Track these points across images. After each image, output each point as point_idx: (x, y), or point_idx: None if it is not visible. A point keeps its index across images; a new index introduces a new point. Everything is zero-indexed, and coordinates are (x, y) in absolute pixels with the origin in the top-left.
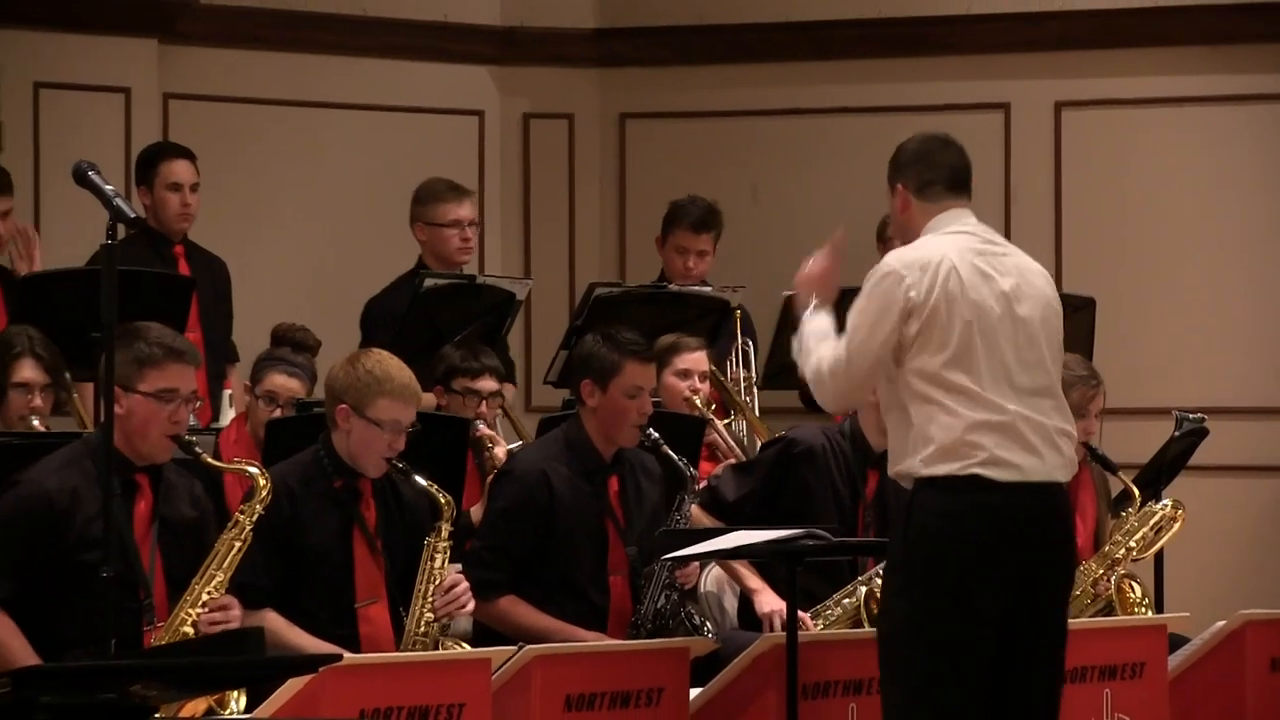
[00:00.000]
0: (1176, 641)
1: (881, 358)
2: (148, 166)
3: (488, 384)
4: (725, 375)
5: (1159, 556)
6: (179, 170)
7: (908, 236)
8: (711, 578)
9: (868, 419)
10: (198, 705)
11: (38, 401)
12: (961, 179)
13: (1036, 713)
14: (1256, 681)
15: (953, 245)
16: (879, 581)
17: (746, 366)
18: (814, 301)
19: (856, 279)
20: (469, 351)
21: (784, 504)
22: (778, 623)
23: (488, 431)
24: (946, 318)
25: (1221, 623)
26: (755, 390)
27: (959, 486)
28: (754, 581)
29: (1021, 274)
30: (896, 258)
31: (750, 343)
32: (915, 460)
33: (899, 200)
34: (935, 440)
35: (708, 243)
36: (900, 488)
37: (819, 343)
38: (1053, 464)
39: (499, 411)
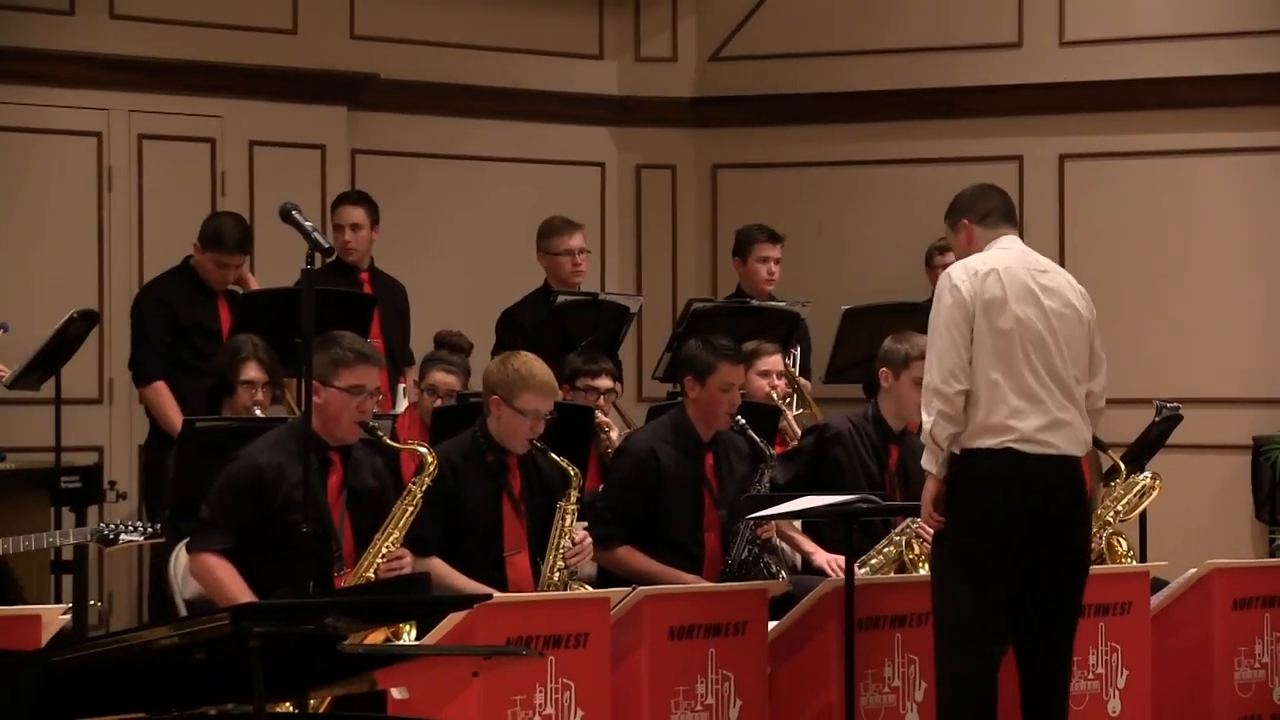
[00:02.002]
0: (1157, 585)
1: (961, 352)
2: (331, 210)
3: (604, 382)
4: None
5: (1142, 517)
6: (346, 214)
7: None
8: None
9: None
10: (378, 635)
11: (260, 395)
12: (1011, 211)
13: (1054, 645)
14: (1222, 617)
15: (1002, 260)
16: (911, 531)
17: (795, 366)
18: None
19: (906, 294)
20: (589, 357)
21: (823, 480)
22: (833, 571)
23: (604, 419)
24: (995, 319)
25: (1193, 570)
26: (802, 382)
27: (997, 457)
28: (807, 545)
29: (1058, 287)
30: (956, 267)
31: (799, 347)
32: (966, 435)
33: (964, 234)
34: (979, 421)
35: (780, 251)
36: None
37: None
38: (1071, 442)
39: (613, 405)
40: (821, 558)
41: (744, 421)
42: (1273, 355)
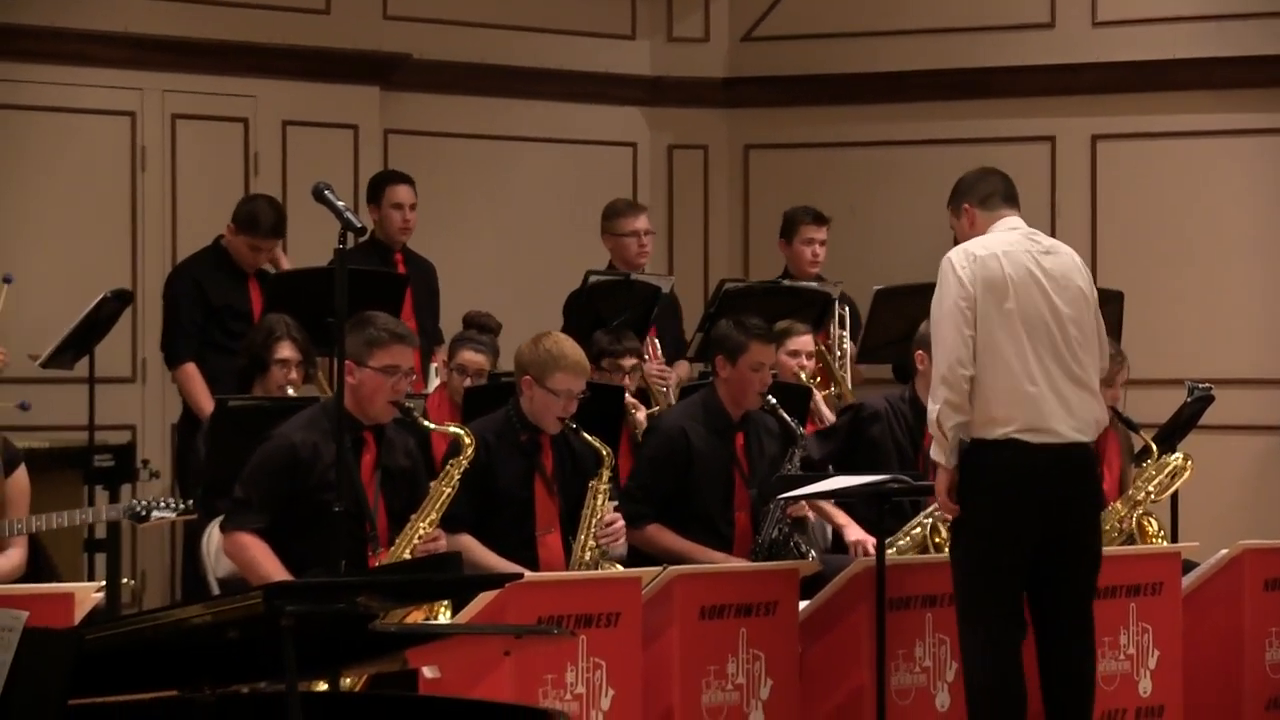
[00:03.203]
0: (1188, 566)
1: (966, 338)
2: (377, 189)
3: (629, 361)
4: (832, 353)
5: (1173, 498)
6: (401, 194)
7: None
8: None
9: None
10: (416, 614)
11: (293, 375)
12: (1012, 193)
13: (1072, 626)
14: (1253, 597)
15: (1003, 242)
16: (938, 514)
17: (841, 347)
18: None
19: (930, 277)
20: (614, 337)
21: (858, 458)
22: (862, 550)
23: (632, 400)
24: (998, 303)
25: (1224, 551)
26: (849, 364)
27: (1001, 448)
28: (841, 518)
29: (1061, 268)
30: (956, 252)
31: (849, 325)
32: (972, 425)
33: (966, 218)
34: (981, 409)
35: (826, 233)
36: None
37: (932, 405)
38: (1076, 428)
39: (647, 380)
40: (853, 534)
41: (775, 401)
42: None
